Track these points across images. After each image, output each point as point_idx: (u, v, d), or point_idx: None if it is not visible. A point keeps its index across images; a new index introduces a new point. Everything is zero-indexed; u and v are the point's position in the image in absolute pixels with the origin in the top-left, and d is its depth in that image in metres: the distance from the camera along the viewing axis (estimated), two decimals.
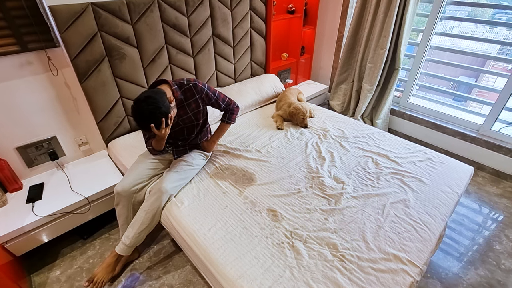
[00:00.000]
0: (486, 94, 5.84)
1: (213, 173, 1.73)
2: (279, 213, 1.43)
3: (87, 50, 1.69)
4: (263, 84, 2.59)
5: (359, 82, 2.87)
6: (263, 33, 2.64)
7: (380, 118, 2.87)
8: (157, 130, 1.36)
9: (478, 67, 2.71)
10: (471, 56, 2.54)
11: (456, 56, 2.58)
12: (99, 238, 1.95)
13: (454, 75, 2.66)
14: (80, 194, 1.72)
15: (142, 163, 1.67)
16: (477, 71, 6.28)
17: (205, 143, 1.79)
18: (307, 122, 2.20)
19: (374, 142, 2.00)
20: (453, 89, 3.93)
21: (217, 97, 1.66)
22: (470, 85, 4.74)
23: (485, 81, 6.32)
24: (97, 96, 1.84)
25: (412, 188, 1.58)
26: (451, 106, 2.73)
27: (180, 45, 2.09)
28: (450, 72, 2.76)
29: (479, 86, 4.05)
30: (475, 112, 2.58)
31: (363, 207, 1.47)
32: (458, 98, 4.70)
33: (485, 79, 6.53)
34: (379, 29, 2.51)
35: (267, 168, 1.76)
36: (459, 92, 2.79)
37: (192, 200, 1.52)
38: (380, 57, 2.58)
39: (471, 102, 4.93)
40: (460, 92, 2.80)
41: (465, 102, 4.98)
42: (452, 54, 2.54)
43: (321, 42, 3.26)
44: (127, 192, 1.57)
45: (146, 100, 1.30)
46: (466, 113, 2.64)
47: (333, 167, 1.76)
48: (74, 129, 1.96)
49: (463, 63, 2.54)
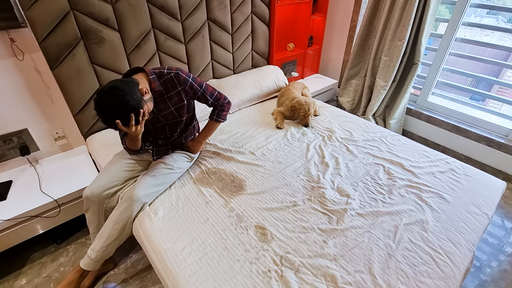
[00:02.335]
0: (506, 91, 5.39)
1: (197, 178, 1.50)
2: (269, 231, 1.19)
3: (58, 31, 1.47)
4: (263, 76, 2.33)
5: (372, 77, 2.58)
6: (266, 20, 2.37)
7: (394, 118, 2.58)
8: (125, 127, 1.14)
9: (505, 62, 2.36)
10: (495, 50, 2.19)
11: (477, 50, 2.24)
12: (74, 243, 1.77)
13: (473, 71, 2.35)
14: (49, 196, 1.53)
15: (117, 164, 1.46)
16: (502, 67, 5.77)
17: (190, 143, 1.56)
18: (309, 121, 1.94)
19: (386, 147, 1.73)
20: (472, 86, 3.55)
21: (204, 90, 1.42)
22: (493, 82, 4.33)
23: (505, 79, 5.82)
24: (72, 85, 1.62)
25: (431, 206, 1.32)
26: (471, 106, 2.40)
27: (169, 29, 1.85)
28: (468, 68, 2.44)
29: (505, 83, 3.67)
30: (503, 115, 2.27)
31: (370, 228, 1.22)
32: (475, 97, 4.32)
33: (505, 78, 6.02)
34: (397, 17, 2.21)
35: (260, 174, 1.52)
36: (481, 90, 2.47)
37: (168, 210, 1.30)
38: (397, 50, 2.28)
39: (490, 101, 4.53)
40: (479, 89, 2.47)
41: (483, 102, 4.59)
42: (474, 47, 2.21)
43: (332, 31, 2.96)
44: (98, 197, 1.36)
45: (111, 91, 1.08)
46: (493, 115, 2.33)
47: (337, 176, 1.51)
48: (48, 121, 1.76)
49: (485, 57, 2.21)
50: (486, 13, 4.74)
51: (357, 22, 2.70)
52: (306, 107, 1.93)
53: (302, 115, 1.94)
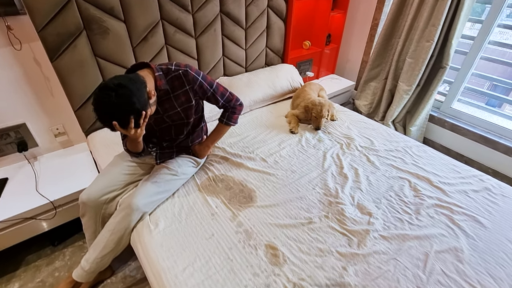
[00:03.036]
0: None
1: (203, 185, 1.37)
2: (281, 253, 1.06)
3: (58, 20, 1.35)
4: (278, 76, 2.18)
5: (394, 81, 2.40)
6: (283, 15, 2.21)
7: (415, 125, 2.40)
8: (123, 129, 1.01)
9: None
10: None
11: (497, 53, 2.05)
12: (71, 245, 1.67)
13: (492, 74, 2.18)
14: (44, 197, 1.42)
15: (117, 166, 1.34)
16: None
17: (197, 147, 1.43)
18: (320, 124, 1.80)
19: (411, 159, 1.57)
20: (489, 90, 3.35)
21: (214, 90, 1.29)
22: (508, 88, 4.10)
23: None
24: (73, 78, 1.51)
25: (465, 232, 1.17)
26: (501, 115, 2.21)
27: (179, 22, 1.72)
28: (487, 71, 2.25)
29: None
30: None
31: (396, 254, 1.07)
32: (491, 102, 4.07)
33: None
34: (426, 16, 2.03)
35: (272, 183, 1.38)
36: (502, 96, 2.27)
37: (170, 222, 1.18)
38: (424, 51, 2.10)
39: (506, 106, 4.28)
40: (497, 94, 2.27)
41: (499, 107, 4.35)
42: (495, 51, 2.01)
43: (351, 30, 2.79)
44: (95, 202, 1.25)
45: (117, 89, 0.95)
46: None
47: (357, 190, 1.36)
48: (48, 116, 1.65)
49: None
50: None
51: (379, 20, 2.53)
52: (318, 108, 1.78)
53: (313, 116, 1.80)
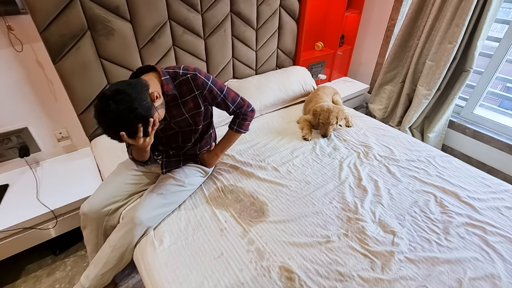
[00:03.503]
0: None
1: (211, 197, 1.29)
2: (297, 276, 0.96)
3: (61, 20, 1.28)
4: (289, 78, 2.08)
5: (412, 84, 2.27)
6: (296, 15, 2.11)
7: (434, 131, 2.27)
8: (131, 139, 0.93)
9: None
10: None
11: None
12: (73, 255, 1.60)
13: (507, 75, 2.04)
14: (45, 206, 1.36)
15: (120, 176, 1.26)
16: None
17: (206, 156, 1.34)
18: (328, 131, 1.69)
19: (436, 170, 1.45)
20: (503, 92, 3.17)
21: (224, 95, 1.20)
22: None
23: None
24: (76, 81, 1.44)
25: (501, 255, 1.05)
26: None
27: (187, 22, 1.63)
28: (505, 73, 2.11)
29: None
30: None
31: (426, 280, 0.97)
32: (505, 104, 3.90)
33: None
34: (450, 15, 1.90)
35: (285, 196, 1.29)
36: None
37: (176, 238, 1.09)
38: (446, 54, 1.97)
39: None
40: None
41: None
42: None
43: (366, 30, 2.67)
44: (97, 214, 1.18)
45: (115, 96, 0.87)
46: None
47: (378, 205, 1.25)
48: (51, 120, 1.59)
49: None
50: None
51: (396, 20, 2.41)
52: (326, 114, 1.67)
53: (321, 122, 1.70)
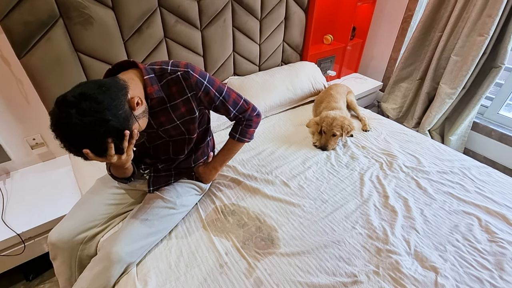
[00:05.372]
0: None
1: (209, 220, 1.06)
2: None
3: (25, 5, 1.05)
4: (297, 76, 1.85)
5: (434, 82, 2.04)
6: (304, 4, 1.88)
7: (456, 133, 2.05)
8: (100, 158, 0.71)
9: None
10: None
11: None
12: (48, 280, 1.39)
13: None
14: (11, 229, 1.14)
15: (98, 195, 1.04)
16: None
17: (202, 170, 1.11)
18: (329, 144, 1.43)
19: (474, 185, 1.23)
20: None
21: (224, 97, 0.97)
22: None
23: None
24: (48, 79, 1.21)
25: None
26: None
27: (181, 10, 1.40)
28: None
29: None
30: None
31: None
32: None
33: None
34: (481, 4, 1.67)
35: (297, 219, 1.07)
36: None
37: (164, 278, 0.87)
38: (475, 47, 1.74)
39: None
40: None
41: None
42: None
43: (379, 22, 2.43)
44: (68, 244, 0.96)
45: (79, 103, 0.65)
46: None
47: (411, 231, 1.03)
48: (22, 125, 1.37)
49: None
50: None
51: (414, 11, 2.17)
52: (329, 120, 1.42)
53: (322, 130, 1.45)
